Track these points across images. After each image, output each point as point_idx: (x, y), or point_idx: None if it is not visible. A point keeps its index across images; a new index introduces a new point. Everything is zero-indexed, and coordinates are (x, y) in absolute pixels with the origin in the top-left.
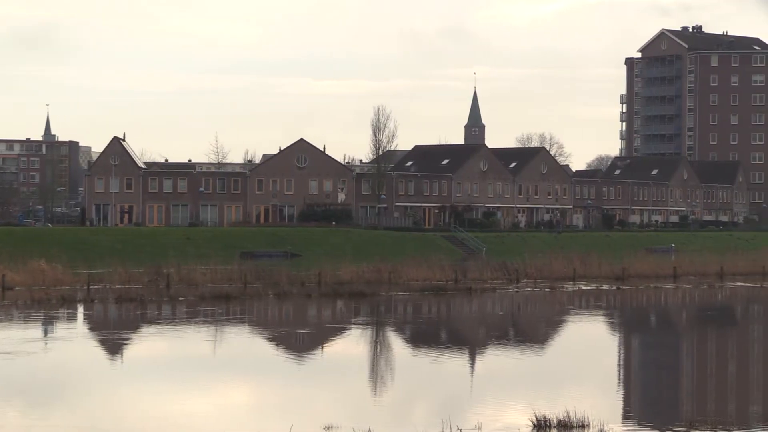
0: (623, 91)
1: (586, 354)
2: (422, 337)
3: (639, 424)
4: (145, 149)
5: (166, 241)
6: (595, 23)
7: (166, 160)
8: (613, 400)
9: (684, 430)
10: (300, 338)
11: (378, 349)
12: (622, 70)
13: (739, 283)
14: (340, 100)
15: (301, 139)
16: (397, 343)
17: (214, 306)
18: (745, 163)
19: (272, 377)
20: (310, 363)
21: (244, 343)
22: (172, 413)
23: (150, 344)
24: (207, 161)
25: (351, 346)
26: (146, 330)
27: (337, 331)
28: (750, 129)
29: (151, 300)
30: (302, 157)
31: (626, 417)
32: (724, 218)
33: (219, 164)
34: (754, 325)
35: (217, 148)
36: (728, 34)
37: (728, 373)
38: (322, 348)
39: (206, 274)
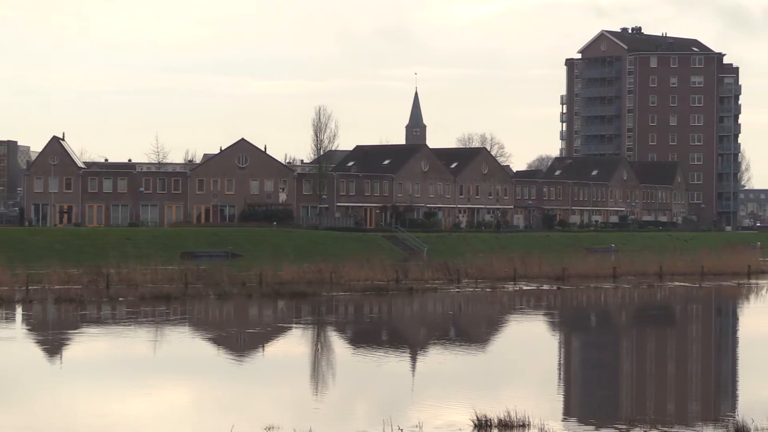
0: (563, 91)
1: (527, 353)
2: (364, 337)
3: (579, 423)
4: (85, 149)
5: (105, 241)
6: (535, 24)
7: (106, 160)
8: (554, 399)
9: (624, 428)
10: (241, 338)
11: (319, 350)
12: (562, 71)
13: (677, 283)
14: (280, 100)
15: (242, 139)
16: (338, 343)
17: (155, 306)
18: (684, 164)
19: (213, 377)
20: (251, 363)
21: (185, 343)
22: (112, 413)
23: (90, 345)
24: (147, 161)
25: (292, 346)
26: (86, 330)
27: (279, 331)
28: (689, 130)
29: (91, 300)
30: (243, 157)
31: (566, 416)
32: (663, 218)
33: (159, 164)
34: (692, 324)
35: (157, 147)
36: (667, 35)
37: (667, 371)
38: (264, 348)
39: (147, 275)
